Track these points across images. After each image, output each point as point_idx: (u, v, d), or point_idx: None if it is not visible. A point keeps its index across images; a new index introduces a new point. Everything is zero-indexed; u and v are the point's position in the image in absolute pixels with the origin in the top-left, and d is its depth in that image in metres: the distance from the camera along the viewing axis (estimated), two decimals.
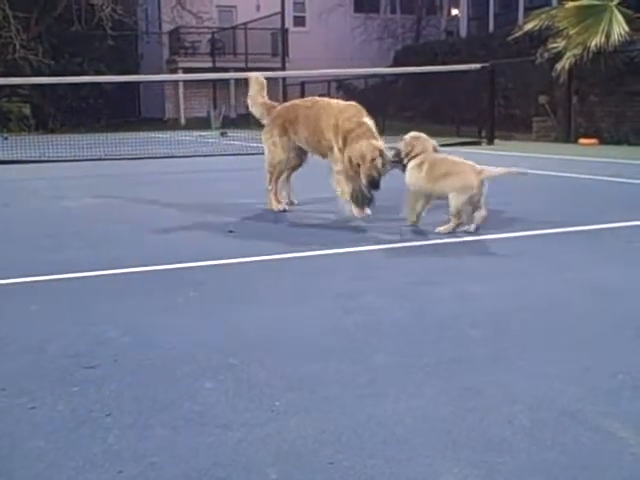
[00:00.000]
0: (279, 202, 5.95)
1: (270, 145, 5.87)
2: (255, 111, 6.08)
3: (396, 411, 2.13)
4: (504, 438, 1.95)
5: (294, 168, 6.02)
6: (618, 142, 13.90)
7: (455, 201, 4.67)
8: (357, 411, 2.13)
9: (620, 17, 13.39)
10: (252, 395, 2.26)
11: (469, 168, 4.76)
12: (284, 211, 5.85)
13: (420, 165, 4.82)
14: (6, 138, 17.67)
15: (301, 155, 5.93)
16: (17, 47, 25.69)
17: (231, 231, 5.04)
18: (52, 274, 3.90)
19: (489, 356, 2.58)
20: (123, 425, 2.06)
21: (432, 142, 4.99)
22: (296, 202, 6.15)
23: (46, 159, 12.52)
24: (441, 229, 4.76)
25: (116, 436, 1.99)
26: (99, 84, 24.35)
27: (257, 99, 6.05)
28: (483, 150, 13.66)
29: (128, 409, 2.16)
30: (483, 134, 15.63)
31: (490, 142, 15.01)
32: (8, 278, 3.81)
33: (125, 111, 28.31)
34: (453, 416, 2.09)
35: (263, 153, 6.03)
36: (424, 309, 3.17)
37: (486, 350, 2.64)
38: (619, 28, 13.27)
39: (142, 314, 3.19)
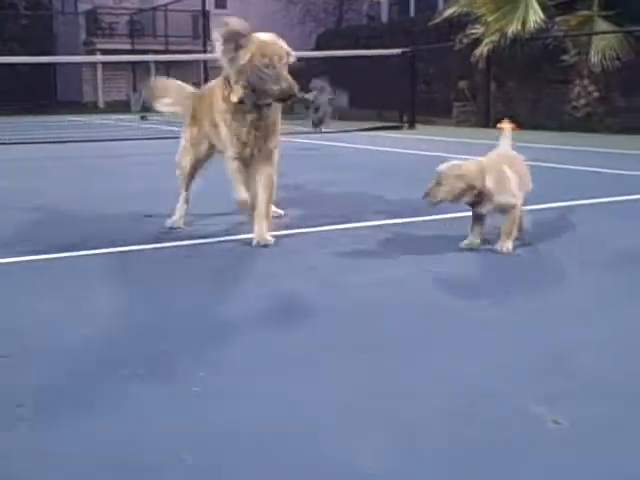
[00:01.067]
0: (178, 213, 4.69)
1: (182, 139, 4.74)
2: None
3: (315, 394, 2.12)
4: (423, 418, 1.97)
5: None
6: (535, 127, 14.25)
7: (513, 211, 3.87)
8: (277, 395, 2.11)
9: (536, 4, 13.69)
10: (170, 381, 2.21)
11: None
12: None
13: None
14: None
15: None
16: None
17: (148, 216, 4.93)
18: None
19: (410, 339, 2.59)
20: (35, 416, 1.98)
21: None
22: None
23: None
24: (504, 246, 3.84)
25: (29, 427, 1.92)
26: (12, 65, 23.51)
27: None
28: (404, 135, 13.80)
29: (40, 399, 2.08)
30: (404, 119, 15.79)
31: (411, 126, 15.19)
32: None
33: (40, 94, 27.47)
34: (371, 398, 2.09)
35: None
36: (345, 294, 3.17)
37: (407, 334, 2.66)
38: (535, 15, 13.57)
39: (49, 302, 3.09)
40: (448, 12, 15.34)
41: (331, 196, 6.00)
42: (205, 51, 24.15)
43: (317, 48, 24.54)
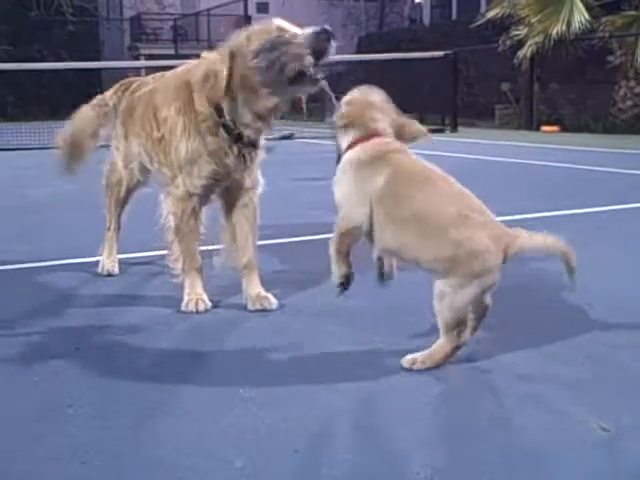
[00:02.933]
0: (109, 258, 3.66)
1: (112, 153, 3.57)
2: None
3: (360, 401, 2.13)
4: (472, 424, 1.97)
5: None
6: (579, 129, 14.07)
7: (450, 305, 2.20)
8: (318, 401, 2.13)
9: (581, 5, 13.52)
10: (216, 384, 2.25)
11: (488, 226, 2.23)
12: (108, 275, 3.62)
13: (371, 163, 2.35)
14: None
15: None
16: None
17: None
18: (11, 264, 3.83)
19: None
20: (85, 416, 2.03)
21: (415, 123, 2.65)
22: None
23: (6, 147, 12.30)
24: (409, 360, 2.31)
25: (79, 427, 1.96)
26: (59, 71, 23.92)
27: None
28: (447, 138, 13.73)
29: (90, 400, 2.13)
30: (446, 122, 15.70)
31: (454, 130, 15.09)
32: None
33: (87, 98, 27.86)
34: (421, 409, 2.10)
35: None
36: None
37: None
38: (580, 16, 13.40)
39: (98, 303, 3.15)
40: (491, 14, 15.22)
41: None
42: None
43: (358, 51, 24.56)
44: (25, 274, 3.69)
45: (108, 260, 3.63)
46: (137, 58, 28.27)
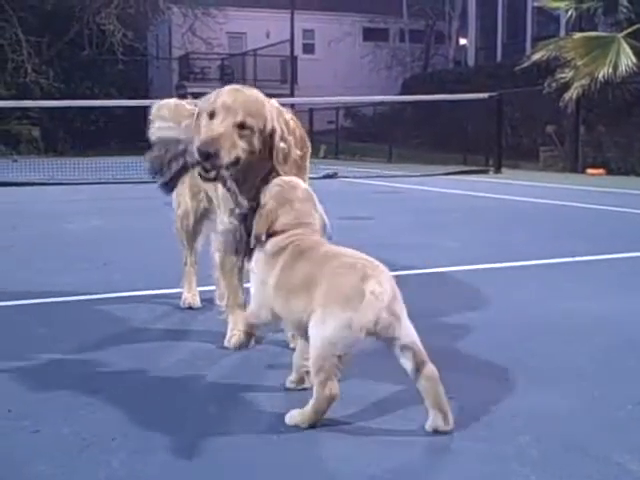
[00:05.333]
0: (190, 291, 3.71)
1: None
2: None
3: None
4: (513, 470, 1.93)
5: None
6: (625, 172, 13.91)
7: (319, 343, 2.10)
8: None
9: (628, 48, 13.45)
10: (254, 417, 2.24)
11: (353, 267, 2.13)
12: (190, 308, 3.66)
13: (278, 251, 2.30)
14: (15, 160, 17.80)
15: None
16: (29, 70, 25.97)
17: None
18: (57, 296, 3.89)
19: (492, 386, 2.55)
20: (128, 449, 2.04)
21: (320, 210, 2.47)
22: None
23: (54, 182, 12.59)
24: (293, 417, 2.18)
25: (121, 461, 1.97)
26: (109, 108, 24.53)
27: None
28: (490, 179, 13.68)
29: (132, 433, 2.14)
30: (490, 162, 15.66)
31: (497, 171, 15.03)
32: (15, 300, 3.81)
33: (135, 135, 28.48)
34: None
35: None
36: None
37: (489, 379, 2.62)
38: (627, 59, 13.32)
39: (144, 337, 3.18)
40: (536, 56, 15.20)
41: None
42: (292, 94, 24.62)
43: (403, 93, 24.72)
44: (70, 307, 3.75)
45: (189, 294, 3.68)
46: (184, 96, 28.66)
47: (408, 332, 2.10)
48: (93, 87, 27.26)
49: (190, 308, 3.64)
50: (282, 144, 2.57)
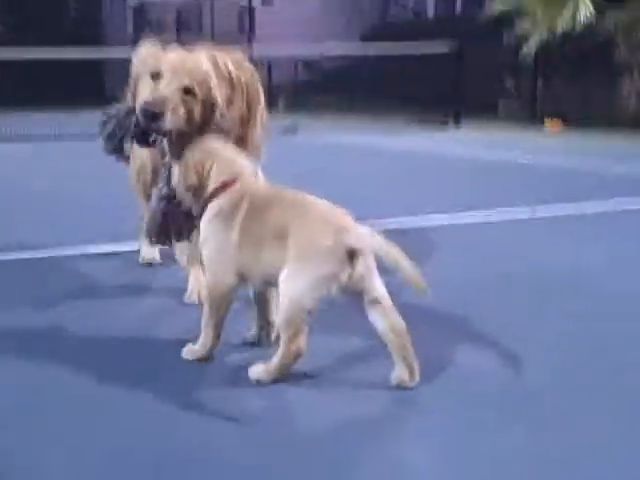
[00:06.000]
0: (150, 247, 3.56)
1: None
2: None
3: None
4: (477, 417, 1.95)
5: None
6: (583, 125, 14.02)
7: (289, 298, 2.08)
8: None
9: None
10: (216, 371, 2.23)
11: (327, 220, 2.11)
12: None
13: (234, 206, 2.23)
14: None
15: None
16: None
17: None
18: (12, 252, 3.81)
19: (456, 340, 2.57)
20: (74, 406, 2.01)
21: (244, 159, 2.37)
22: None
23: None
24: (256, 371, 2.16)
25: (72, 411, 1.95)
26: (62, 59, 23.85)
27: None
28: (449, 133, 13.69)
29: (84, 389, 2.11)
30: (449, 115, 15.65)
31: (457, 123, 15.03)
32: None
33: (89, 88, 27.87)
34: None
35: None
36: None
37: (453, 334, 2.63)
38: (585, 10, 13.35)
39: (103, 294, 3.13)
40: (496, 7, 15.14)
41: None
42: (251, 45, 24.21)
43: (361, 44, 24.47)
44: (23, 263, 3.67)
45: (148, 250, 3.58)
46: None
47: (377, 286, 2.08)
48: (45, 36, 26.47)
49: (150, 265, 3.59)
50: (224, 120, 2.46)
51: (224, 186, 2.25)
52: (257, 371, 2.15)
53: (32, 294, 3.10)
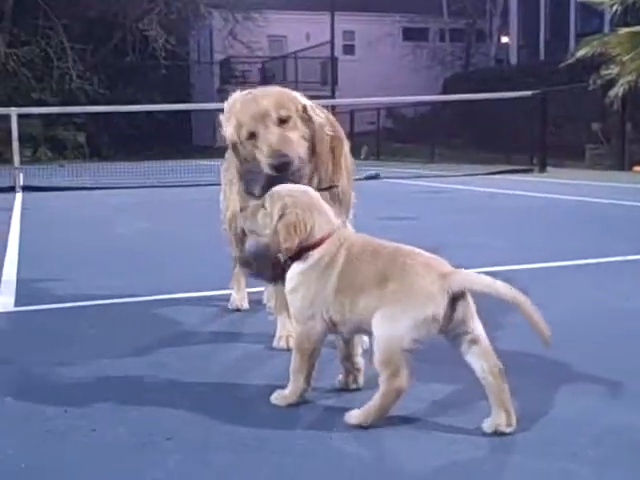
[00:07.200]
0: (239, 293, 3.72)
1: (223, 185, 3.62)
2: None
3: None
4: (571, 470, 1.90)
5: None
6: None
7: (388, 337, 2.08)
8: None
9: None
10: (308, 418, 2.24)
11: (428, 265, 2.11)
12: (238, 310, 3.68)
13: (333, 256, 2.24)
14: (62, 165, 18.12)
15: None
16: (74, 77, 26.45)
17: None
18: (107, 299, 3.94)
19: (551, 388, 2.52)
20: (183, 450, 2.05)
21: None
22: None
23: (100, 186, 12.78)
24: (354, 416, 2.14)
25: (176, 461, 1.99)
26: (152, 113, 24.82)
27: None
28: (535, 178, 13.52)
29: (188, 434, 2.16)
30: (534, 162, 15.48)
31: (542, 170, 14.84)
32: (65, 303, 3.86)
33: (177, 139, 28.81)
34: None
35: None
36: None
37: (548, 381, 2.58)
38: None
39: (195, 339, 3.20)
40: (580, 53, 15.01)
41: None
42: (333, 96, 24.63)
43: (444, 92, 24.58)
44: (118, 309, 3.79)
45: (237, 296, 3.69)
46: (226, 100, 29.05)
47: (477, 327, 2.08)
48: (136, 92, 27.60)
49: (238, 310, 3.66)
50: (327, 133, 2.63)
51: (322, 240, 2.27)
52: (354, 415, 2.14)
53: (124, 341, 3.19)
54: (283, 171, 2.52)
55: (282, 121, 2.56)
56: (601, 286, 4.13)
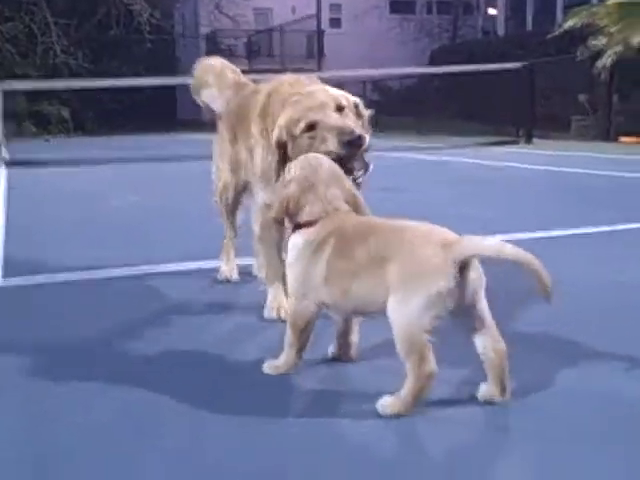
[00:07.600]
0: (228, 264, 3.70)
1: (215, 157, 3.65)
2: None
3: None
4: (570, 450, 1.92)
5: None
6: None
7: (406, 323, 1.98)
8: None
9: None
10: (302, 391, 2.26)
11: (428, 237, 2.03)
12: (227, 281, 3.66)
13: (321, 242, 2.19)
14: (48, 140, 17.99)
15: None
16: (58, 52, 26.14)
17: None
18: (98, 271, 3.92)
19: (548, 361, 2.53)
20: (180, 424, 2.06)
21: (347, 183, 2.37)
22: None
23: (88, 160, 12.69)
24: (389, 405, 2.01)
25: (173, 436, 1.99)
26: (137, 87, 24.60)
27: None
28: (520, 149, 13.54)
29: (183, 407, 2.16)
30: (521, 133, 15.49)
31: (528, 141, 14.86)
32: (56, 274, 3.85)
33: (161, 113, 28.61)
34: None
35: None
36: None
37: (544, 354, 2.60)
38: None
39: (187, 311, 3.20)
40: (568, 24, 14.97)
41: None
42: (320, 69, 24.50)
43: (431, 64, 24.48)
44: (108, 282, 3.78)
45: (226, 267, 3.68)
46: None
47: (484, 302, 2.03)
48: (121, 66, 27.33)
49: (227, 281, 3.66)
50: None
51: (311, 223, 2.24)
52: (389, 404, 2.01)
53: (115, 314, 3.19)
54: (357, 147, 2.55)
55: (339, 109, 2.63)
56: (594, 256, 4.15)
